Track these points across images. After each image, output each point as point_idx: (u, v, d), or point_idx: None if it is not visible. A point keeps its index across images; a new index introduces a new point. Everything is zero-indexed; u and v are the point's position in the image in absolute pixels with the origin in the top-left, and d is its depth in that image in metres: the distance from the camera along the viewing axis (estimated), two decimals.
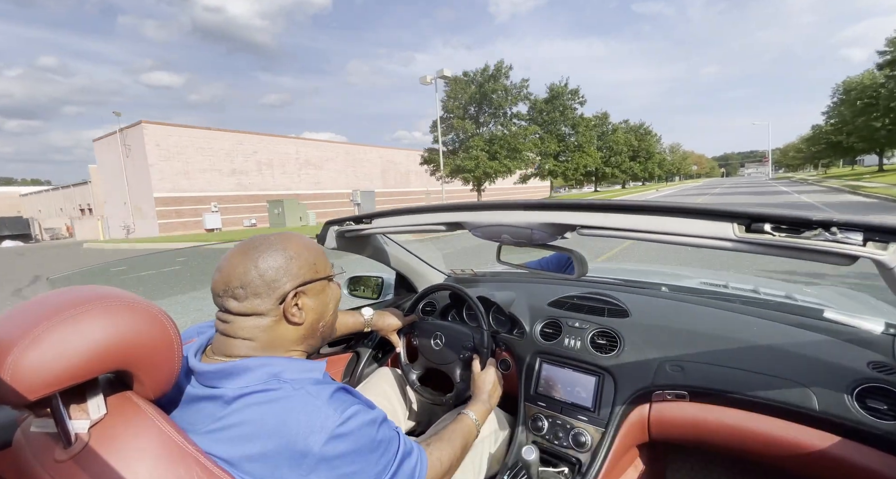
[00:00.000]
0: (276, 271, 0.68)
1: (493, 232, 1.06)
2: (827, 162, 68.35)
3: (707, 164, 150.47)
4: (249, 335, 0.68)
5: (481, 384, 1.16)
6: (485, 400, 1.11)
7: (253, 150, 24.33)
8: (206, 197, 22.37)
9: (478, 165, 23.17)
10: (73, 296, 0.52)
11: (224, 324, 0.69)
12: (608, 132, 41.72)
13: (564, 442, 1.16)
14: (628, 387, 1.14)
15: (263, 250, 0.69)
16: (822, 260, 0.66)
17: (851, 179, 29.67)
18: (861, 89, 32.30)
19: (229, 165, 23.39)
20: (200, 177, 22.26)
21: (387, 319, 1.39)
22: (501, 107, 24.55)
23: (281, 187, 25.08)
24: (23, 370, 0.45)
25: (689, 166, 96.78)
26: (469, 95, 23.84)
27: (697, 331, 1.18)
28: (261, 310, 0.68)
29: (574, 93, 32.06)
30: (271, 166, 25.20)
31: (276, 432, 0.58)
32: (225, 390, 0.63)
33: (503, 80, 24.66)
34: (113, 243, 17.67)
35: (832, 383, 0.93)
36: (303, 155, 26.95)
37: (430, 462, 0.78)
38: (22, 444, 0.55)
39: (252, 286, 0.67)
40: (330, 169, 28.51)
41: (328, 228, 1.43)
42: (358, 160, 30.66)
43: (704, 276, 1.83)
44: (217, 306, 0.70)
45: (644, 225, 0.80)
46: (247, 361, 0.66)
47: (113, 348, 0.50)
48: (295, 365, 0.68)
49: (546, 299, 1.46)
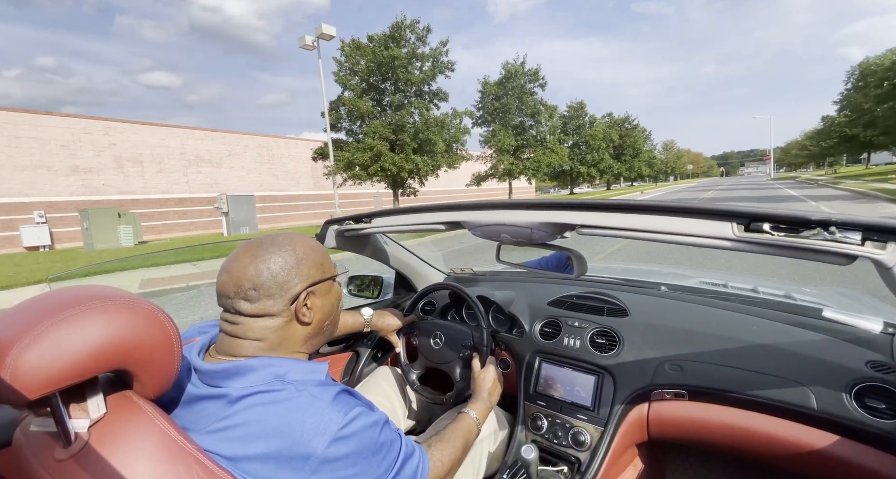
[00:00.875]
0: (287, 272, 0.69)
1: (493, 231, 1.07)
2: (832, 160, 62.78)
3: (705, 163, 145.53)
4: (259, 336, 0.68)
5: (481, 382, 1.15)
6: (485, 398, 1.11)
7: (110, 142, 17.87)
8: (24, 204, 15.61)
9: (376, 159, 16.85)
10: (73, 295, 0.52)
11: (232, 325, 0.69)
12: (585, 125, 36.16)
13: (564, 441, 1.16)
14: (627, 386, 1.14)
15: (274, 251, 0.69)
16: (820, 259, 0.66)
17: (872, 179, 24.25)
18: (882, 72, 26.63)
19: (69, 161, 16.81)
20: (18, 176, 15.54)
21: (386, 318, 1.39)
22: (412, 83, 17.55)
23: (155, 190, 19.05)
24: (23, 369, 0.45)
25: (684, 165, 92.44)
26: (365, 66, 17.10)
27: (696, 330, 1.18)
28: (273, 311, 0.68)
29: (535, 74, 25.47)
30: (140, 163, 18.73)
31: (278, 432, 0.58)
32: (229, 390, 0.63)
33: (416, 44, 17.66)
34: None
35: (831, 382, 0.93)
36: (191, 149, 20.45)
37: (432, 464, 0.79)
38: (22, 443, 0.55)
39: (265, 288, 0.67)
40: (235, 167, 22.11)
41: (328, 227, 1.43)
42: (277, 156, 24.05)
43: (704, 275, 1.84)
44: (224, 308, 0.70)
45: (643, 224, 0.80)
46: (251, 361, 0.66)
47: (112, 347, 0.50)
48: (299, 366, 0.68)
49: (545, 299, 1.46)
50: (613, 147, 42.15)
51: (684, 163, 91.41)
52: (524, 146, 26.12)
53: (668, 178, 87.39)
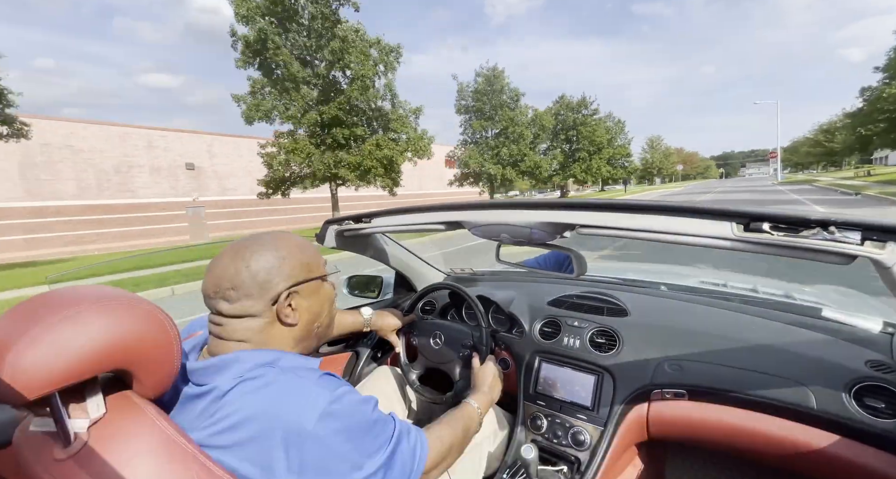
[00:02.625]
0: (267, 271, 0.67)
1: (493, 231, 1.06)
2: (838, 160, 51.20)
3: (700, 163, 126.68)
4: (243, 337, 0.67)
5: (482, 377, 1.15)
6: (486, 392, 1.10)
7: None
8: None
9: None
10: (73, 295, 0.52)
11: (217, 326, 0.68)
12: (504, 106, 25.13)
13: (563, 441, 1.16)
14: (627, 386, 1.14)
15: (255, 250, 0.68)
16: (820, 259, 0.66)
17: None
18: None
19: None
20: None
21: (386, 318, 1.39)
22: None
23: None
24: (22, 369, 0.45)
25: (673, 166, 76.16)
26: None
27: (696, 330, 1.18)
28: (253, 312, 0.67)
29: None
30: None
31: (267, 414, 0.58)
32: (217, 384, 0.62)
33: None
34: None
35: (830, 381, 0.93)
36: None
37: (431, 442, 0.76)
38: (21, 443, 0.55)
39: (244, 288, 0.66)
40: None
41: (327, 227, 1.43)
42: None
43: (703, 275, 1.84)
44: (208, 308, 0.69)
45: (643, 224, 0.80)
46: (238, 353, 0.66)
47: (112, 347, 0.50)
48: (287, 356, 0.68)
49: (545, 298, 1.46)
50: (561, 139, 30.55)
51: (673, 163, 75.15)
52: None
53: (656, 180, 76.04)
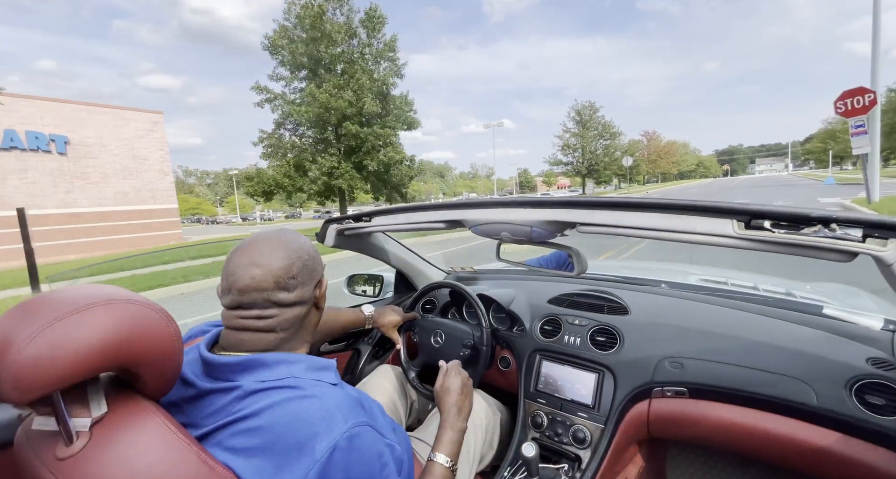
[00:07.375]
0: (313, 259, 0.73)
1: (493, 230, 1.06)
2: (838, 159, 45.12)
3: (693, 159, 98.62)
4: (288, 326, 0.69)
5: (445, 397, 0.99)
6: (453, 420, 0.95)
7: None
8: None
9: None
10: (75, 294, 0.52)
11: (262, 320, 0.67)
12: None
13: (564, 439, 1.17)
14: (628, 384, 1.14)
15: (293, 240, 0.72)
16: (821, 257, 0.66)
17: None
18: None
19: None
20: None
21: (387, 316, 1.39)
22: None
23: None
24: (24, 368, 0.45)
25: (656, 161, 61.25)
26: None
27: (697, 328, 1.18)
28: (306, 298, 0.71)
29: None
30: None
31: (285, 430, 0.58)
32: (241, 384, 0.62)
33: None
34: None
35: (831, 379, 0.93)
36: None
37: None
38: (23, 442, 0.56)
39: (301, 275, 0.70)
40: None
41: (328, 226, 1.42)
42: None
43: (704, 273, 1.84)
44: (250, 305, 0.67)
45: (644, 222, 0.80)
46: (263, 356, 0.66)
47: (114, 346, 0.50)
48: (310, 362, 0.69)
49: (546, 297, 1.46)
50: None
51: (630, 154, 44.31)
52: None
53: (644, 181, 63.19)
